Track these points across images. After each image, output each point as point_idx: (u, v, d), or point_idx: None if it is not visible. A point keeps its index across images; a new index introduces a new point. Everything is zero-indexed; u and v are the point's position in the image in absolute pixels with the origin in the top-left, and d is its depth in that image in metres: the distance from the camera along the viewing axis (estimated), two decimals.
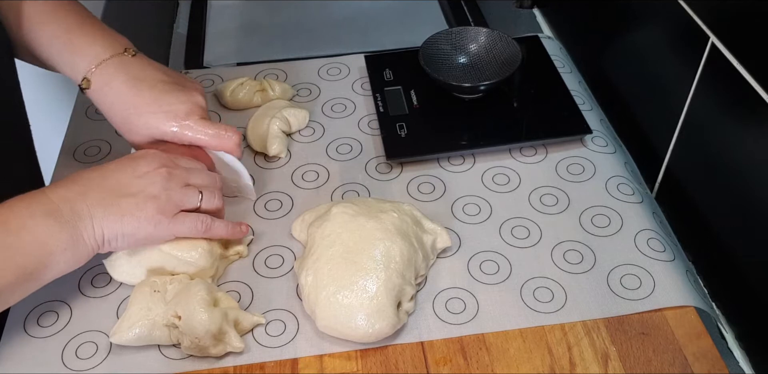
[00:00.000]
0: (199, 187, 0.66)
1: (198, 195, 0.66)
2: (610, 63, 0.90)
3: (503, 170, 0.80)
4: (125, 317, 0.63)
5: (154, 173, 0.64)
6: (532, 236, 0.73)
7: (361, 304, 0.62)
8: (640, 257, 0.70)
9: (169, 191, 0.64)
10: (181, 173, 0.66)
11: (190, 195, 0.65)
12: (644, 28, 0.80)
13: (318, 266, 0.65)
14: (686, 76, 0.70)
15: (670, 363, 0.62)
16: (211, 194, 0.67)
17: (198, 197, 0.66)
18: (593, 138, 0.83)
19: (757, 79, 0.59)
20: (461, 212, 0.76)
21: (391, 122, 0.84)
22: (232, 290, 0.69)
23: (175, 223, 0.64)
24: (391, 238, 0.65)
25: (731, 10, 0.62)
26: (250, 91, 0.88)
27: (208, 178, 0.68)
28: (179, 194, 0.64)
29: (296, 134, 0.86)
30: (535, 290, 0.68)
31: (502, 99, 0.86)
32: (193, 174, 0.67)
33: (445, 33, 0.89)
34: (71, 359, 0.64)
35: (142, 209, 0.62)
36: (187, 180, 0.66)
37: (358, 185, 0.79)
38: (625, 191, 0.77)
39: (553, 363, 0.63)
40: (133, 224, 0.62)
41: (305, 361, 0.64)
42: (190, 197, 0.65)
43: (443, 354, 0.64)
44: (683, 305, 0.66)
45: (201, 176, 0.68)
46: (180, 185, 0.65)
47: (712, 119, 0.68)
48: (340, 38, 1.06)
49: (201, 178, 0.67)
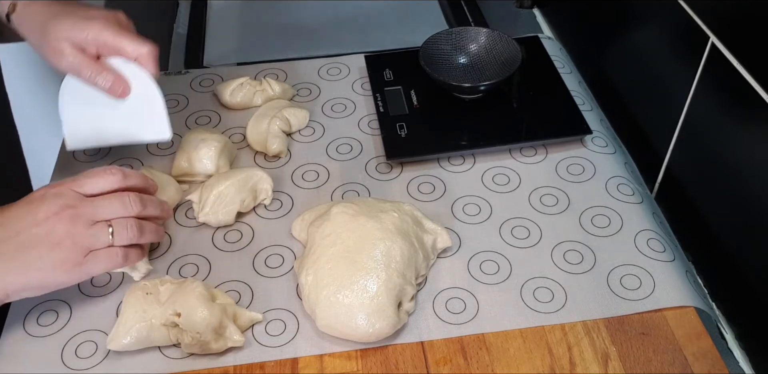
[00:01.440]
0: (110, 220, 0.61)
1: (108, 233, 0.60)
2: (610, 63, 0.90)
3: (503, 170, 0.80)
4: (120, 322, 0.63)
5: (55, 218, 0.59)
6: (532, 237, 0.73)
7: (362, 304, 0.62)
8: (640, 258, 0.70)
9: (74, 236, 0.59)
10: (86, 211, 0.60)
11: (99, 234, 0.60)
12: (644, 28, 0.80)
13: (318, 265, 0.65)
14: (686, 76, 0.70)
15: (670, 363, 0.62)
16: (123, 228, 0.61)
17: (108, 234, 0.60)
18: (593, 138, 0.83)
19: (757, 79, 0.59)
20: (461, 212, 0.76)
21: (391, 122, 0.84)
22: (232, 289, 0.69)
23: (87, 265, 0.60)
24: (391, 238, 0.65)
25: (731, 10, 0.62)
26: (250, 91, 0.88)
27: (119, 206, 0.62)
28: (86, 236, 0.60)
29: (296, 133, 0.86)
30: (535, 290, 0.68)
31: (502, 99, 0.86)
32: (101, 207, 0.61)
33: (445, 33, 0.89)
34: (71, 358, 0.64)
35: (47, 260, 0.59)
36: (95, 217, 0.60)
37: (358, 185, 0.79)
38: (625, 192, 0.77)
39: (553, 363, 0.63)
40: (39, 276, 0.59)
41: (305, 361, 0.64)
42: (99, 236, 0.60)
43: (443, 354, 0.64)
44: (683, 305, 0.66)
45: (111, 206, 0.61)
46: (87, 225, 0.60)
47: (712, 119, 0.68)
48: (340, 38, 1.06)
49: (111, 209, 0.61)
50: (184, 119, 0.88)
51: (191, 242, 0.73)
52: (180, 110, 0.89)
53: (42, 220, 0.59)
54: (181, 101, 0.90)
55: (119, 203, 0.62)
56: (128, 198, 0.62)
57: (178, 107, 0.89)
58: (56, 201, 0.60)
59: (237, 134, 0.85)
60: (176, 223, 0.75)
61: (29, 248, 0.58)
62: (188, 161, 0.78)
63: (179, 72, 0.95)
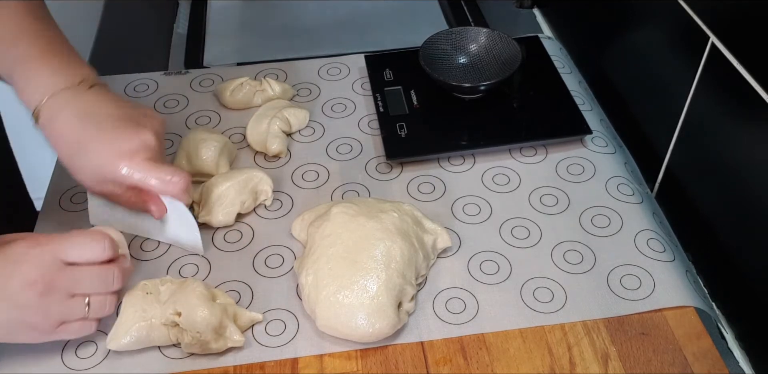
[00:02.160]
0: (87, 294, 0.59)
1: (84, 306, 0.59)
2: (610, 63, 0.90)
3: (503, 170, 0.80)
4: (120, 322, 0.63)
5: (31, 288, 0.56)
6: (532, 236, 0.73)
7: (362, 304, 0.62)
8: (640, 258, 0.70)
9: (48, 308, 0.58)
10: (64, 284, 0.58)
11: (74, 308, 0.59)
12: (644, 28, 0.80)
13: (318, 265, 0.65)
14: (686, 76, 0.70)
15: (670, 363, 0.62)
16: (101, 305, 0.60)
17: (84, 308, 0.59)
18: (593, 138, 0.83)
19: (757, 79, 0.59)
20: (461, 212, 0.76)
21: (391, 122, 0.84)
22: (232, 289, 0.69)
23: (57, 334, 0.60)
24: (391, 238, 0.65)
25: (731, 10, 0.62)
26: (250, 91, 0.88)
27: (100, 283, 0.60)
28: (60, 310, 0.58)
29: (296, 133, 0.86)
30: (535, 290, 0.68)
31: (502, 99, 0.86)
32: (81, 281, 0.59)
33: (445, 33, 0.89)
34: (71, 358, 0.64)
35: (15, 324, 0.58)
36: (73, 289, 0.59)
37: (358, 185, 0.79)
38: (625, 192, 0.77)
39: (553, 363, 0.63)
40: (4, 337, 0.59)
41: (305, 361, 0.64)
42: (74, 310, 0.59)
43: (443, 354, 0.64)
44: (683, 305, 0.66)
45: (91, 282, 0.59)
46: (63, 298, 0.58)
47: (712, 119, 0.68)
48: (340, 38, 1.06)
49: (91, 284, 0.59)
50: (184, 119, 0.88)
51: None
52: (180, 110, 0.89)
53: (18, 287, 0.57)
54: (181, 101, 0.90)
55: (101, 280, 0.60)
56: (112, 274, 0.60)
57: (178, 107, 0.89)
58: (35, 268, 0.57)
59: (237, 134, 0.85)
60: None
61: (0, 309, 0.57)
62: (188, 161, 0.78)
63: (179, 72, 0.95)
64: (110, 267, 0.61)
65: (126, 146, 0.64)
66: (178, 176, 0.66)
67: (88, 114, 0.65)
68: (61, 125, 0.65)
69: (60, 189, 0.79)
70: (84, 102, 0.66)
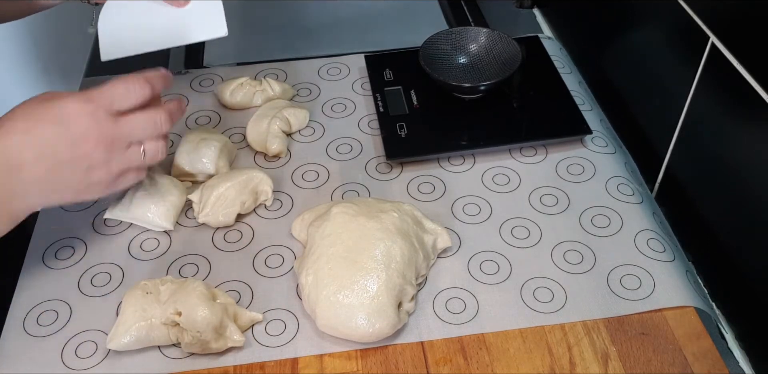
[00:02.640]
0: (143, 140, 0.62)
1: (140, 154, 0.62)
2: (610, 63, 0.90)
3: (503, 170, 0.80)
4: (120, 322, 0.63)
5: (92, 143, 0.59)
6: (532, 236, 0.73)
7: (362, 304, 0.62)
8: (640, 258, 0.70)
9: (110, 161, 0.61)
10: (122, 134, 0.61)
11: (133, 157, 0.62)
12: (644, 28, 0.80)
13: (318, 265, 0.65)
14: (686, 76, 0.70)
15: (670, 363, 0.62)
16: (155, 150, 0.63)
17: (140, 156, 0.63)
18: (593, 138, 0.83)
19: (757, 79, 0.59)
20: (461, 212, 0.76)
21: (391, 122, 0.84)
22: (232, 289, 0.69)
23: (117, 185, 0.63)
24: (391, 238, 0.65)
25: (731, 10, 0.62)
26: (250, 91, 0.88)
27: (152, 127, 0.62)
28: (121, 161, 0.62)
29: (296, 133, 0.86)
30: (535, 290, 0.68)
31: (502, 99, 0.86)
32: (135, 129, 0.61)
33: (445, 33, 0.89)
34: (71, 358, 0.64)
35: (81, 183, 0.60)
36: (130, 139, 0.62)
37: (358, 185, 0.79)
38: (625, 192, 0.77)
39: (553, 363, 0.63)
40: (70, 196, 0.61)
41: (305, 361, 0.63)
42: (133, 159, 0.62)
43: (443, 354, 0.64)
44: (683, 305, 0.66)
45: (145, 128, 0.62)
46: (122, 149, 0.61)
47: (712, 119, 0.68)
48: (340, 38, 1.06)
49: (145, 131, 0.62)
50: (184, 119, 0.88)
51: (191, 242, 0.73)
52: None
53: (79, 143, 0.59)
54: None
55: (152, 124, 0.62)
56: (160, 118, 0.62)
57: None
58: (92, 124, 0.59)
59: (237, 134, 0.85)
60: (176, 223, 0.75)
61: (63, 170, 0.59)
62: (188, 161, 0.78)
63: (179, 72, 0.95)
64: (158, 111, 0.62)
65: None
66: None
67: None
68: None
69: None
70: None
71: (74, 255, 0.72)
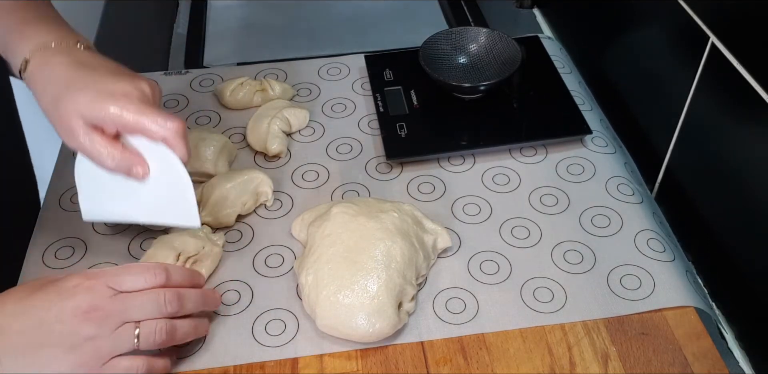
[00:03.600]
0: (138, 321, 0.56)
1: (133, 335, 0.55)
2: (610, 63, 0.90)
3: (503, 170, 0.80)
4: None
5: (81, 318, 0.54)
6: (532, 236, 0.73)
7: (362, 304, 0.62)
8: (640, 258, 0.70)
9: (97, 340, 0.54)
10: (115, 310, 0.55)
11: (123, 338, 0.55)
12: (644, 29, 0.80)
13: (318, 265, 0.65)
14: (686, 76, 0.70)
15: (670, 363, 0.62)
16: (151, 332, 0.56)
17: (133, 337, 0.55)
18: (593, 138, 0.83)
19: (757, 79, 0.59)
20: (461, 212, 0.76)
21: (391, 122, 0.84)
22: (232, 289, 0.69)
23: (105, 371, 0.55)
24: (391, 238, 0.65)
25: (731, 10, 0.62)
26: (250, 91, 0.88)
27: (153, 307, 0.56)
28: (109, 341, 0.55)
29: (296, 133, 0.86)
30: (535, 290, 0.68)
31: (502, 99, 0.86)
32: (132, 308, 0.56)
33: (445, 33, 0.89)
34: None
35: (62, 363, 0.53)
36: (123, 317, 0.55)
37: (358, 185, 0.79)
38: (625, 192, 0.77)
39: (553, 363, 0.63)
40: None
41: (305, 361, 0.64)
42: (124, 341, 0.55)
43: (443, 354, 0.64)
44: (683, 305, 0.66)
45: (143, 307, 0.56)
46: (113, 328, 0.55)
47: (712, 119, 0.68)
48: (340, 38, 1.06)
49: (142, 310, 0.56)
50: (184, 119, 0.87)
51: None
52: (180, 110, 0.89)
53: (67, 317, 0.54)
54: (181, 101, 0.90)
55: (153, 303, 0.56)
56: (164, 297, 0.57)
57: (178, 107, 0.90)
58: (86, 298, 0.55)
59: (237, 134, 0.85)
60: None
61: (46, 346, 0.54)
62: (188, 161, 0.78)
63: (179, 72, 0.95)
64: (162, 291, 0.57)
65: (119, 87, 0.59)
66: (172, 121, 0.59)
67: (83, 64, 0.61)
68: (53, 69, 0.60)
69: (60, 189, 0.79)
70: (79, 55, 0.62)
71: (74, 255, 0.72)
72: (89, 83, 0.59)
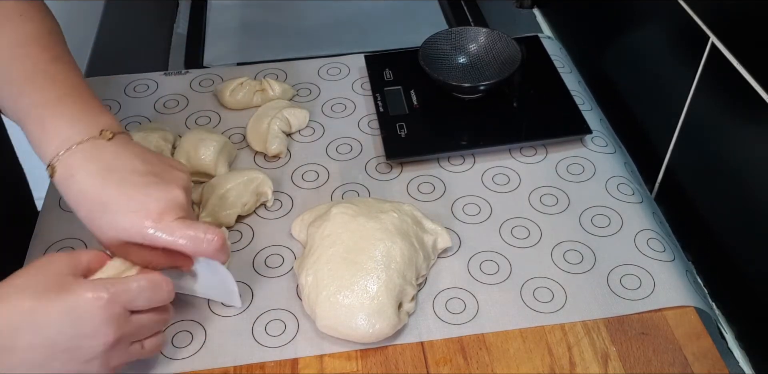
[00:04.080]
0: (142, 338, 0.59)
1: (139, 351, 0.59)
2: (610, 63, 0.90)
3: (503, 170, 0.80)
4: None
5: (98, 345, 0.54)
6: (532, 236, 0.73)
7: (362, 304, 0.62)
8: (640, 258, 0.70)
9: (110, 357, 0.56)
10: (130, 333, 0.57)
11: (133, 354, 0.58)
12: (644, 28, 0.80)
13: (318, 266, 0.65)
14: (686, 76, 0.70)
15: (670, 363, 0.62)
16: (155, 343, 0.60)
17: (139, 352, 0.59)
18: (593, 138, 0.83)
19: (757, 79, 0.59)
20: (461, 212, 0.76)
21: (391, 122, 0.84)
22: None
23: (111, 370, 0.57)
24: (391, 238, 0.65)
25: (731, 10, 0.62)
26: (250, 91, 0.88)
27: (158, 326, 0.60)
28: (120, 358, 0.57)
29: (296, 134, 0.86)
30: (535, 290, 0.68)
31: (502, 99, 0.86)
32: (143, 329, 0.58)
33: (445, 33, 0.89)
34: None
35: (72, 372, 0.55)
36: (134, 338, 0.58)
37: (358, 185, 0.79)
38: (625, 192, 0.77)
39: (553, 363, 0.63)
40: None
41: (305, 361, 0.64)
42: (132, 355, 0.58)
43: (443, 354, 0.64)
44: (683, 305, 0.66)
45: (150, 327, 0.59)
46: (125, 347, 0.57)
47: (712, 119, 0.68)
48: (340, 38, 1.06)
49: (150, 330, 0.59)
50: (184, 119, 0.88)
51: None
52: (180, 110, 0.89)
53: (83, 338, 0.54)
54: (181, 101, 0.90)
55: (161, 324, 0.60)
56: (167, 318, 0.60)
57: (178, 107, 0.89)
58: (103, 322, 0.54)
59: (237, 134, 0.85)
60: None
61: (57, 360, 0.54)
62: (187, 161, 0.78)
63: (179, 72, 0.95)
64: (169, 311, 0.60)
65: (153, 205, 0.58)
66: (211, 234, 0.59)
67: (110, 170, 0.60)
68: (81, 182, 0.59)
69: None
70: (105, 156, 0.60)
71: None
72: (120, 203, 0.58)
